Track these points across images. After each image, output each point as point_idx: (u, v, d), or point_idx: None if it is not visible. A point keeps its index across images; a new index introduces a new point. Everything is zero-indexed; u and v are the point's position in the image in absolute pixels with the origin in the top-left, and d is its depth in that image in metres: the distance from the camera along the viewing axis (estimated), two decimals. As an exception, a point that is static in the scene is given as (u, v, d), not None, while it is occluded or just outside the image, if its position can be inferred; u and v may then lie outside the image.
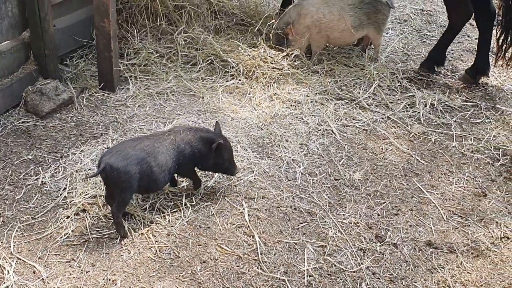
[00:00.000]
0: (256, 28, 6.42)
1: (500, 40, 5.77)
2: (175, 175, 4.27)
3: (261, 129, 5.09)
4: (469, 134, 5.27)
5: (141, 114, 5.18)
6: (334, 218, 4.22)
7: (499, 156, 5.01)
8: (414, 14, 7.47)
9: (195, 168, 4.24)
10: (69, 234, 3.92)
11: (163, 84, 5.56)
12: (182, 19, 6.18)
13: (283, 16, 6.13)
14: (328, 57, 6.24)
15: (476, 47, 6.07)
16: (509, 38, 5.70)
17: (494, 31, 5.89)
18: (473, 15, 5.76)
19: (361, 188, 4.55)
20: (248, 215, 4.15)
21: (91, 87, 5.49)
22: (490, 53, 6.05)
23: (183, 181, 4.36)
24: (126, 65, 5.73)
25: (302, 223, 4.16)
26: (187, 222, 4.05)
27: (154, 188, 4.02)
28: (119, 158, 3.76)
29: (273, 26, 6.03)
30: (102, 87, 5.47)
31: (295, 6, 6.05)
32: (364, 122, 5.31)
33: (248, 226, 4.06)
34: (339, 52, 6.36)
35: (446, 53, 6.54)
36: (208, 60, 5.87)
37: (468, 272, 3.86)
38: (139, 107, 5.28)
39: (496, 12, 5.83)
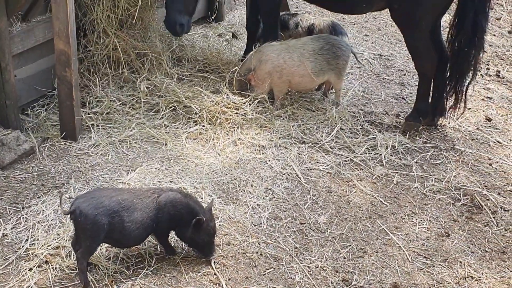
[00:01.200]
0: (219, 75, 6.50)
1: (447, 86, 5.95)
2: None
3: (226, 174, 5.09)
4: (430, 175, 5.36)
5: (103, 162, 5.14)
6: (301, 263, 4.22)
7: (460, 196, 5.10)
8: (373, 59, 7.64)
9: None
10: (32, 287, 3.83)
11: (125, 132, 5.53)
12: (145, 66, 6.21)
13: (244, 62, 6.20)
14: (290, 101, 6.31)
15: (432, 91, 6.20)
16: (453, 84, 5.86)
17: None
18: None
19: (327, 231, 4.57)
20: (214, 262, 4.12)
21: (53, 137, 5.44)
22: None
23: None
24: (88, 114, 5.69)
25: (268, 269, 4.15)
26: (151, 271, 4.00)
27: (126, 243, 3.95)
28: (91, 205, 3.73)
29: (236, 72, 6.09)
30: (64, 136, 5.42)
31: (256, 52, 6.13)
32: (327, 165, 5.36)
33: (215, 274, 4.03)
34: (302, 96, 6.45)
35: (406, 97, 6.71)
36: (171, 107, 5.88)
37: (435, 313, 3.89)
38: (102, 156, 5.24)
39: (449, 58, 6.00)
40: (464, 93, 5.89)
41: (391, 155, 5.59)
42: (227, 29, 8.01)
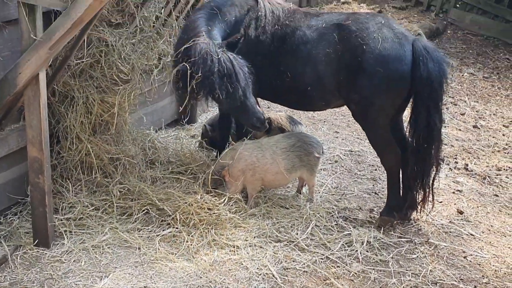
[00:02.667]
0: (192, 176, 6.54)
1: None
2: None
3: (200, 277, 5.02)
4: (406, 270, 5.35)
5: (76, 269, 5.05)
6: None
7: (437, 291, 5.09)
8: (344, 155, 7.79)
9: None
10: None
11: (98, 237, 5.48)
12: (118, 170, 6.23)
13: (219, 160, 6.27)
14: (264, 199, 6.34)
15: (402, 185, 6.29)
16: (419, 179, 5.95)
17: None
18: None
19: (305, 333, 4.49)
20: None
21: (26, 244, 5.35)
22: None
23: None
24: (61, 220, 5.65)
25: None
26: None
27: None
28: None
29: (210, 170, 6.14)
30: (37, 243, 5.34)
31: (230, 150, 6.22)
32: (304, 264, 5.33)
33: None
34: (275, 194, 6.49)
35: (378, 191, 6.79)
36: (144, 210, 5.86)
37: None
38: (75, 262, 5.15)
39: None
40: (430, 187, 5.99)
41: (367, 251, 5.59)
42: (200, 131, 8.12)
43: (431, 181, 5.98)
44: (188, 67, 5.51)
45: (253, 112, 5.90)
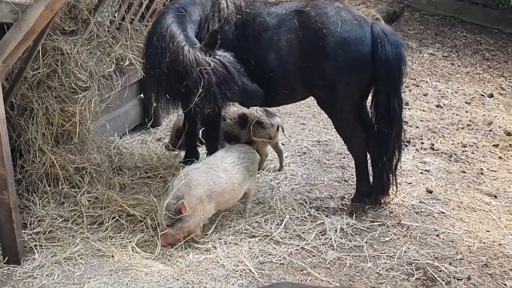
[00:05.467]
0: (161, 179, 6.48)
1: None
2: None
3: (177, 279, 4.98)
4: (381, 253, 5.38)
5: (50, 283, 4.95)
6: None
7: (413, 271, 5.12)
8: (312, 146, 7.79)
9: None
10: None
11: (70, 249, 5.39)
12: (84, 180, 6.14)
13: (169, 191, 5.42)
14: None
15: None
16: (381, 166, 5.98)
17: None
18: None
19: (286, 325, 4.47)
20: None
21: (-5, 263, 5.26)
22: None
23: None
24: (30, 235, 5.54)
25: None
26: None
27: None
28: None
29: (161, 206, 5.44)
30: (7, 261, 5.23)
31: (180, 178, 5.50)
32: (280, 256, 5.32)
33: None
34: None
35: (348, 179, 6.82)
36: (114, 218, 5.79)
37: None
38: (47, 277, 5.05)
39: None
40: (393, 172, 6.05)
41: (341, 238, 5.61)
42: (165, 133, 8.06)
43: (393, 166, 6.02)
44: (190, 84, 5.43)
45: (255, 94, 5.81)
